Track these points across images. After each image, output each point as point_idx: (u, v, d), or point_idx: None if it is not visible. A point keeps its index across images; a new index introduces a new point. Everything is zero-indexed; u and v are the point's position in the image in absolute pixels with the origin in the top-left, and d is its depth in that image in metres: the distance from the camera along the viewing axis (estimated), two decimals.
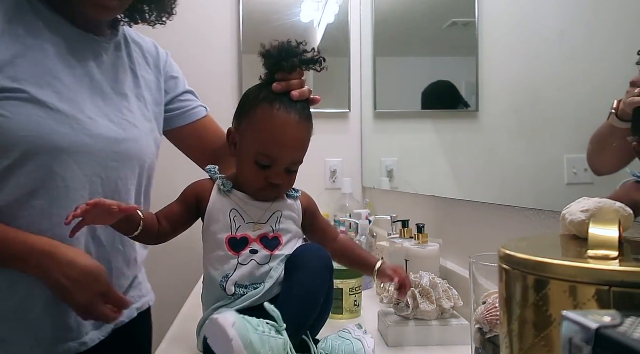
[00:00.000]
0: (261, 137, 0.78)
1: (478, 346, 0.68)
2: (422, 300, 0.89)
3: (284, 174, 0.79)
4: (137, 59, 1.01)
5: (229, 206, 0.80)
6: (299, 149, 0.80)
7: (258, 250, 0.78)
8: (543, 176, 0.93)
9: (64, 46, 0.86)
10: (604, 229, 0.44)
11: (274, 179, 0.78)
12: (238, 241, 0.79)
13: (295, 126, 0.78)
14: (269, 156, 0.78)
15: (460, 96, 1.62)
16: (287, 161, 0.79)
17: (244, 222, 0.79)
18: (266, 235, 0.80)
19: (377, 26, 2.03)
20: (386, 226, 1.53)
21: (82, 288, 0.77)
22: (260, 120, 0.78)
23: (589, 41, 0.83)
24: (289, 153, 0.79)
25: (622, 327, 0.28)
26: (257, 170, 0.78)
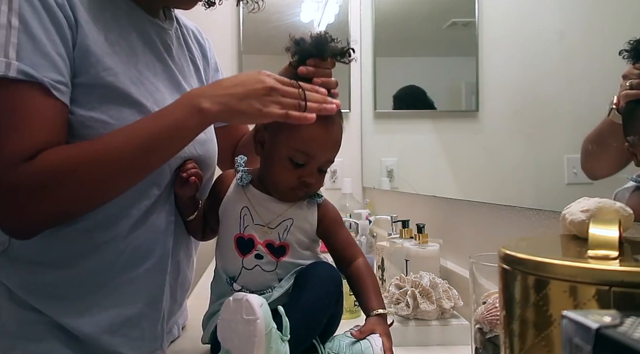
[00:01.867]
0: (299, 135, 0.74)
1: (478, 346, 0.68)
2: (422, 300, 0.89)
3: (316, 173, 0.78)
4: (192, 47, 0.93)
5: (241, 203, 0.78)
6: (336, 147, 0.79)
7: (263, 255, 0.77)
8: (543, 176, 0.93)
9: (141, 36, 0.79)
10: (604, 229, 0.44)
11: (307, 177, 0.76)
12: (245, 242, 0.77)
13: (333, 124, 0.77)
14: (307, 154, 0.75)
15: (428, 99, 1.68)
16: (323, 160, 0.77)
17: (252, 223, 0.78)
18: (272, 242, 0.77)
19: (377, 26, 2.03)
20: (386, 226, 1.53)
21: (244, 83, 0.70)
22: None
23: (589, 41, 0.83)
24: (327, 151, 0.77)
25: (622, 327, 0.28)
26: (290, 168, 0.76)
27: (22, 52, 0.63)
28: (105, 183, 0.67)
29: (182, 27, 0.93)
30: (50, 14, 0.66)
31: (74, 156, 0.65)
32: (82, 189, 0.66)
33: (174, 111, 0.69)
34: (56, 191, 0.64)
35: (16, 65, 0.62)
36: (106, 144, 0.67)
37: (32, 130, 0.63)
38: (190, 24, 0.97)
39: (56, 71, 0.65)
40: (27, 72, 0.63)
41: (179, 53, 0.87)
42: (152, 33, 0.81)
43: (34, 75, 0.63)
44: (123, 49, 0.74)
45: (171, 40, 0.85)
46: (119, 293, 0.75)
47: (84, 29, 0.69)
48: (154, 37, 0.81)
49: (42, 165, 0.63)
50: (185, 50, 0.91)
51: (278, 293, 0.75)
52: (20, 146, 0.63)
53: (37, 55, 0.64)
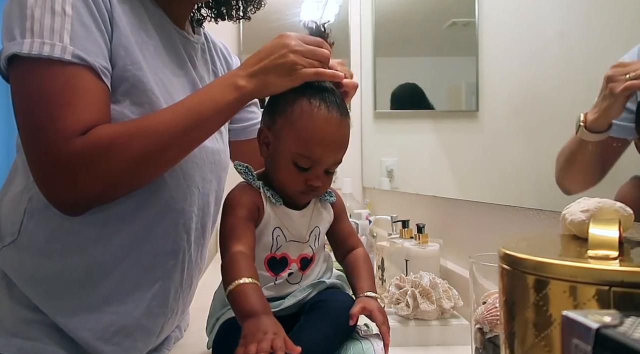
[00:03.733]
0: (301, 138, 0.70)
1: (478, 346, 0.68)
2: (422, 300, 0.89)
3: (323, 176, 0.73)
4: (217, 62, 0.96)
5: (274, 223, 0.73)
6: (341, 149, 0.73)
7: (294, 272, 0.75)
8: (543, 176, 0.93)
9: (167, 43, 0.81)
10: (604, 229, 0.44)
11: (314, 181, 0.72)
12: (277, 261, 0.74)
13: (337, 124, 0.72)
14: (310, 158, 0.71)
15: (425, 97, 1.68)
16: (328, 163, 0.72)
17: (285, 241, 0.74)
18: (306, 256, 0.76)
19: (377, 26, 2.04)
20: (386, 226, 1.53)
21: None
22: (299, 118, 0.71)
23: (589, 41, 0.83)
24: (331, 154, 0.72)
25: (622, 327, 0.28)
26: (295, 172, 0.71)
27: (75, 38, 0.66)
28: (155, 155, 0.70)
29: (210, 43, 0.96)
30: (97, 5, 0.70)
31: (126, 129, 0.68)
32: (135, 161, 0.68)
33: (212, 90, 0.73)
34: (111, 162, 0.67)
35: (71, 49, 0.66)
36: (155, 119, 0.70)
37: (86, 106, 0.67)
38: (219, 42, 1.00)
39: (103, 58, 0.69)
40: (81, 56, 0.66)
41: (201, 65, 0.90)
42: (177, 41, 0.84)
43: (87, 59, 0.67)
44: (149, 51, 0.76)
45: (195, 52, 0.88)
46: (120, 300, 0.75)
47: (117, 25, 0.72)
48: (179, 46, 0.84)
49: (98, 137, 0.66)
50: (210, 63, 0.93)
51: (289, 302, 0.73)
52: (76, 120, 0.65)
53: (88, 42, 0.68)
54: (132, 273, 0.75)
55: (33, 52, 0.64)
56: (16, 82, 0.68)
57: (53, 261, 0.72)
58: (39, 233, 0.72)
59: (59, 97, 0.66)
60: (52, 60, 0.65)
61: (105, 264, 0.73)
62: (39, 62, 0.65)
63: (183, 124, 0.70)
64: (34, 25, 0.65)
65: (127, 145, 0.67)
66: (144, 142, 0.68)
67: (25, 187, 0.74)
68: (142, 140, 0.68)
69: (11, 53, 0.65)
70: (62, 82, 0.66)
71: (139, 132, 0.68)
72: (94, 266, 0.73)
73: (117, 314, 0.74)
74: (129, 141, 0.67)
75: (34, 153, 0.67)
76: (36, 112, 0.66)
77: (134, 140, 0.67)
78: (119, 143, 0.67)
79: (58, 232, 0.72)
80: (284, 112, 0.72)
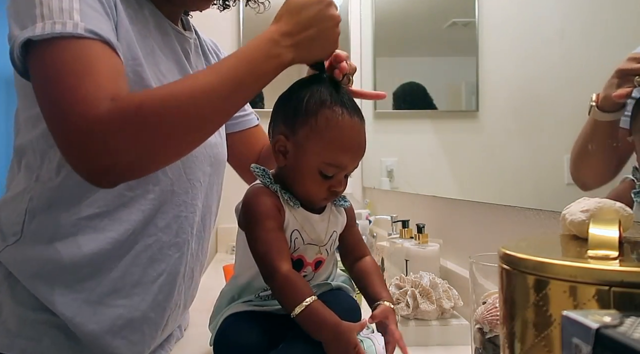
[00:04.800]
0: (330, 148, 0.70)
1: (478, 346, 0.68)
2: (422, 300, 0.89)
3: (344, 180, 0.74)
4: (210, 57, 0.96)
5: (294, 226, 0.73)
6: (363, 153, 0.75)
7: (307, 273, 0.76)
8: (543, 176, 0.93)
9: (163, 39, 0.81)
10: (604, 229, 0.44)
11: (337, 187, 0.73)
12: (293, 263, 0.73)
13: (360, 129, 0.74)
14: (338, 166, 0.71)
15: (428, 96, 1.68)
16: (352, 168, 0.74)
17: (303, 244, 0.74)
18: (321, 259, 0.76)
19: (377, 26, 2.03)
20: (386, 226, 1.53)
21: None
22: (325, 129, 0.70)
23: (589, 41, 0.83)
24: (356, 160, 0.74)
25: (622, 327, 0.28)
26: (320, 181, 0.72)
27: (85, 17, 0.65)
28: (194, 120, 0.66)
29: (201, 39, 0.96)
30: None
31: (151, 93, 0.66)
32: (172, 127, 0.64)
33: (255, 53, 0.69)
34: (144, 124, 0.63)
35: (83, 25, 0.64)
36: (194, 81, 0.67)
37: (106, 74, 0.64)
38: (207, 39, 1.00)
39: (113, 36, 0.67)
40: (94, 31, 0.64)
41: (196, 60, 0.90)
42: (173, 38, 0.83)
43: (101, 34, 0.65)
44: (148, 47, 0.76)
45: (190, 48, 0.88)
46: (125, 292, 0.75)
47: (121, 17, 0.71)
48: (174, 41, 0.84)
49: (127, 98, 0.63)
50: (203, 59, 0.94)
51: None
52: (98, 86, 0.62)
53: (97, 21, 0.66)
54: (137, 266, 0.76)
55: (45, 32, 0.63)
56: (34, 68, 0.66)
57: (58, 257, 0.72)
58: (43, 232, 0.72)
59: (77, 68, 0.63)
60: (65, 37, 0.63)
61: (110, 258, 0.74)
62: (53, 42, 0.63)
63: (224, 87, 0.66)
64: (43, 10, 0.64)
65: (160, 107, 0.63)
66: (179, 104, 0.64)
67: (25, 187, 0.74)
68: (176, 103, 0.64)
69: (25, 38, 0.63)
70: (77, 55, 0.64)
71: (172, 95, 0.65)
72: (99, 261, 0.73)
73: (124, 308, 0.75)
74: (162, 103, 0.63)
75: (59, 127, 0.63)
76: (55, 87, 0.63)
77: (167, 102, 0.64)
78: (150, 106, 0.63)
79: (62, 230, 0.72)
80: (306, 123, 0.71)
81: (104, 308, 0.73)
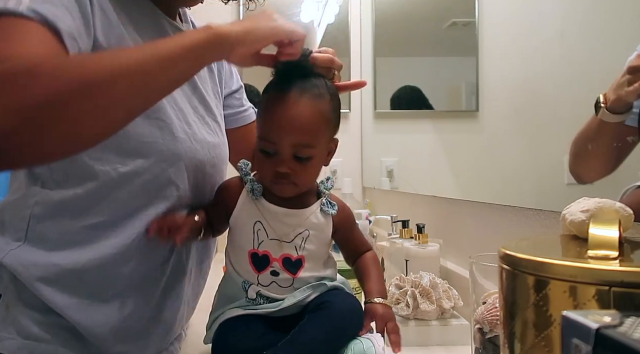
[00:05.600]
0: (261, 123, 0.74)
1: (478, 346, 0.68)
2: (422, 300, 0.89)
3: (293, 162, 0.71)
4: None
5: (254, 217, 0.74)
6: (298, 130, 0.71)
7: (279, 272, 0.74)
8: (543, 176, 0.93)
9: (161, 36, 0.78)
10: (604, 229, 0.44)
11: (280, 167, 0.71)
12: (260, 258, 0.74)
13: (293, 103, 0.71)
14: (269, 140, 0.71)
15: (424, 97, 1.68)
16: (287, 144, 0.71)
17: (267, 238, 0.74)
18: (289, 256, 0.75)
19: (377, 26, 2.03)
20: (386, 226, 1.53)
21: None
22: (263, 108, 0.74)
23: (589, 41, 0.83)
24: (286, 134, 0.70)
25: (622, 327, 0.28)
26: (264, 159, 0.73)
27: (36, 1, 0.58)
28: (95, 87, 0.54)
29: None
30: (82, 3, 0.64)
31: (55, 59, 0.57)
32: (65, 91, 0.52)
33: (190, 34, 0.65)
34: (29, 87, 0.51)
35: (27, 4, 0.57)
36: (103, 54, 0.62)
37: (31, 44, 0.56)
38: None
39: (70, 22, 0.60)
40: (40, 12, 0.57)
41: None
42: (170, 33, 0.82)
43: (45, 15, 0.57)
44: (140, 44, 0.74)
45: None
46: (131, 294, 0.75)
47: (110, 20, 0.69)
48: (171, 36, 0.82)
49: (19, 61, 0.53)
50: None
51: (289, 302, 0.73)
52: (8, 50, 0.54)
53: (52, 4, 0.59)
54: (142, 268, 0.75)
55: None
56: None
57: (62, 262, 0.71)
58: (47, 237, 0.71)
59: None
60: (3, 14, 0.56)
61: (115, 262, 0.73)
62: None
63: (137, 57, 0.57)
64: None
65: (56, 70, 0.53)
66: (78, 69, 0.54)
67: (30, 192, 0.73)
68: (76, 67, 0.54)
69: None
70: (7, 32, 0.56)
71: (74, 59, 0.57)
72: (104, 265, 0.73)
73: (131, 309, 0.75)
74: (59, 67, 0.54)
75: None
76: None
77: (65, 66, 0.54)
78: (44, 67, 0.52)
79: (66, 237, 0.71)
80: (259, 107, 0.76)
81: (110, 310, 0.73)
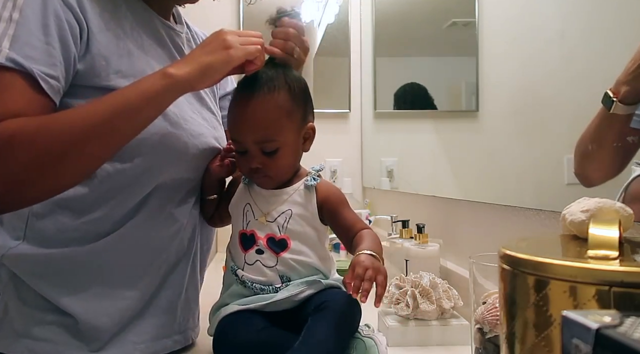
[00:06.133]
0: (228, 125, 0.80)
1: (478, 346, 0.68)
2: (422, 300, 0.89)
3: (262, 157, 0.75)
4: None
5: (245, 200, 0.81)
6: (255, 127, 0.74)
7: (264, 251, 0.76)
8: (543, 176, 0.93)
9: (153, 36, 0.80)
10: (604, 229, 0.44)
11: (252, 163, 0.76)
12: (247, 237, 0.78)
13: (247, 102, 0.74)
14: (235, 140, 0.78)
15: (429, 96, 1.68)
16: (250, 141, 0.74)
17: (254, 218, 0.78)
18: (273, 236, 0.77)
19: (377, 26, 2.03)
20: (386, 226, 1.53)
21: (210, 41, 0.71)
22: (228, 109, 0.80)
23: (589, 41, 0.83)
24: (247, 133, 0.75)
25: (622, 327, 0.28)
26: (239, 158, 0.79)
27: (15, 43, 0.63)
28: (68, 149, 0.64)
29: (192, 32, 0.95)
30: (55, 13, 0.66)
31: (35, 122, 0.63)
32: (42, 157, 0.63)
33: (144, 80, 0.68)
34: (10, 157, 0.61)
35: (6, 53, 0.62)
36: (71, 112, 0.66)
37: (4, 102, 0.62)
38: (199, 31, 0.99)
39: (49, 65, 0.64)
40: (16, 60, 0.62)
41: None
42: (163, 33, 0.83)
43: (23, 64, 0.62)
44: (133, 50, 0.75)
45: (182, 42, 0.87)
46: (132, 284, 0.76)
47: (94, 33, 0.70)
48: (165, 38, 0.83)
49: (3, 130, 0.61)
50: None
51: (282, 296, 0.74)
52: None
53: (30, 48, 0.64)
54: (142, 257, 0.77)
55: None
56: None
57: (61, 258, 0.72)
58: (45, 234, 0.72)
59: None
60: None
61: (118, 253, 0.75)
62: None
63: (103, 114, 0.64)
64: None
65: (32, 138, 0.61)
66: (52, 135, 0.62)
67: None
68: (50, 133, 0.62)
69: None
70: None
71: (48, 125, 0.63)
72: (103, 257, 0.74)
73: (132, 299, 0.76)
74: (35, 134, 0.62)
75: None
76: None
77: (41, 133, 0.62)
78: (22, 137, 0.61)
79: (65, 234, 0.72)
80: None
81: (112, 300, 0.74)
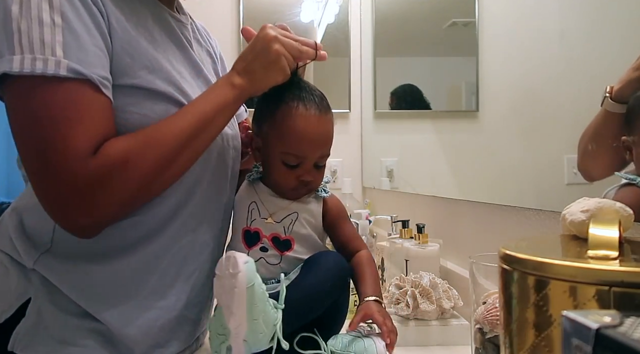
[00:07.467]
0: (285, 138, 0.78)
1: (478, 346, 0.68)
2: (422, 300, 0.89)
3: (314, 170, 0.80)
4: (208, 42, 0.96)
5: (250, 198, 0.82)
6: (324, 143, 0.80)
7: (268, 248, 0.79)
8: (543, 176, 0.93)
9: (164, 28, 0.79)
10: (604, 229, 0.44)
11: (305, 176, 0.79)
12: (251, 235, 0.80)
13: (317, 120, 0.79)
14: (296, 155, 0.78)
15: (423, 97, 1.69)
16: (315, 157, 0.79)
17: (259, 217, 0.80)
18: (277, 235, 0.80)
19: (377, 26, 2.03)
20: (386, 226, 1.53)
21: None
22: (281, 121, 0.78)
23: (589, 41, 0.83)
24: (315, 149, 0.79)
25: (622, 327, 0.28)
26: (286, 170, 0.79)
27: (68, 50, 0.62)
28: (170, 163, 0.69)
29: (195, 23, 0.95)
30: (88, 10, 0.66)
31: (137, 142, 0.67)
32: (152, 173, 0.68)
33: (214, 91, 0.75)
34: (129, 178, 0.66)
35: (65, 63, 0.62)
36: (164, 127, 0.70)
37: (92, 122, 0.64)
38: (198, 23, 0.98)
39: (101, 67, 0.66)
40: (77, 70, 0.62)
41: (196, 45, 0.89)
42: (173, 25, 0.82)
43: (84, 73, 0.63)
44: (152, 44, 0.74)
45: (189, 33, 0.87)
46: (162, 294, 0.76)
47: (116, 29, 0.69)
48: (176, 31, 0.82)
49: (112, 154, 0.64)
50: (202, 42, 0.93)
51: (285, 284, 0.74)
52: (87, 138, 0.63)
53: (83, 53, 0.64)
54: (172, 267, 0.76)
55: (25, 70, 0.60)
56: (12, 103, 0.64)
57: (92, 267, 0.72)
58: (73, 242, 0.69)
59: (64, 115, 0.62)
60: (47, 78, 0.61)
61: (148, 263, 0.74)
62: (34, 80, 0.61)
63: (190, 128, 0.70)
64: (22, 39, 0.60)
65: (142, 158, 0.66)
66: (158, 151, 0.67)
67: None
68: (155, 150, 0.67)
69: (1, 72, 0.60)
70: (63, 100, 0.62)
71: (151, 143, 0.67)
72: (138, 266, 0.74)
73: (162, 309, 0.76)
74: (143, 153, 0.66)
75: (43, 177, 0.63)
76: (42, 133, 0.62)
77: (148, 151, 0.67)
78: (133, 158, 0.65)
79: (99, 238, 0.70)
80: (268, 119, 0.80)
81: (142, 311, 0.74)
